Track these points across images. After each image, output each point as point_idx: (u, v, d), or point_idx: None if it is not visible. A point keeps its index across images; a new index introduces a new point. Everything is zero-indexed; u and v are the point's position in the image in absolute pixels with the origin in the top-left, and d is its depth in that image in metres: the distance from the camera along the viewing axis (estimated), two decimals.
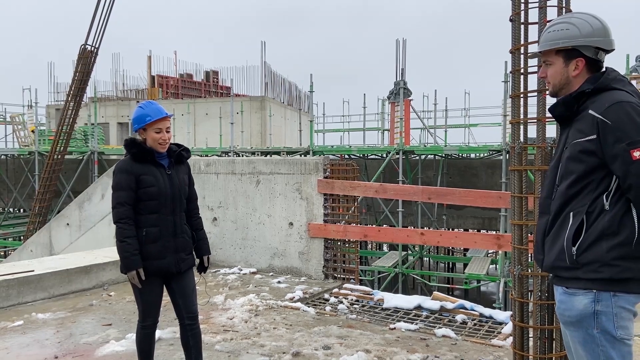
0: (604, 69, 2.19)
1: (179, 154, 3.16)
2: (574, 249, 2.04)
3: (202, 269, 3.33)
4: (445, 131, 18.71)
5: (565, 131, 2.21)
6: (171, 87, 27.57)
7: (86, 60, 15.10)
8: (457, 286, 16.24)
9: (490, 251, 15.94)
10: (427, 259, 18.99)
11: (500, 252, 12.49)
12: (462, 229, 16.18)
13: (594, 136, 2.02)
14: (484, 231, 15.46)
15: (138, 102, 25.56)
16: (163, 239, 3.04)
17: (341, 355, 3.94)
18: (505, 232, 11.73)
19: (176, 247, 3.10)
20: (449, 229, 15.81)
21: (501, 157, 13.71)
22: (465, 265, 17.27)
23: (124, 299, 5.65)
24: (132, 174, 3.00)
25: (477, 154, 15.88)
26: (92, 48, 15.15)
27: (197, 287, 3.31)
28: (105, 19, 14.86)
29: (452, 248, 18.95)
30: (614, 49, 2.17)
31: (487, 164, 16.26)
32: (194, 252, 3.26)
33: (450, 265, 19.50)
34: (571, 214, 2.08)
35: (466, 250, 17.51)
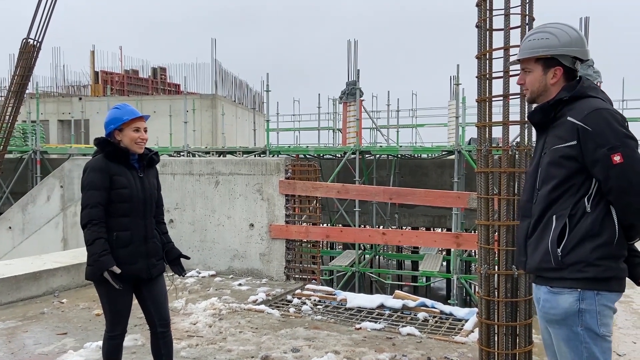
0: (578, 78, 2.28)
1: (151, 158, 3.06)
2: (559, 250, 2.11)
3: (181, 270, 3.22)
4: (397, 131, 19.04)
5: (542, 137, 2.28)
6: (116, 84, 26.64)
7: (28, 54, 14.29)
8: (409, 283, 16.57)
9: (440, 248, 16.38)
10: (378, 257, 19.25)
11: (452, 250, 12.84)
12: (410, 227, 16.49)
13: (575, 142, 2.09)
14: (432, 229, 15.85)
15: (81, 98, 24.62)
16: (134, 244, 2.93)
17: (311, 358, 3.93)
18: (457, 230, 12.07)
19: (147, 252, 2.99)
20: (400, 227, 16.10)
21: (451, 157, 14.08)
22: (414, 263, 17.65)
23: (77, 305, 5.41)
24: (107, 173, 2.87)
25: (429, 154, 16.25)
26: (35, 42, 14.36)
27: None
28: (49, 11, 14.11)
29: (402, 246, 19.31)
30: (589, 59, 2.27)
31: (437, 163, 16.66)
32: (164, 257, 3.16)
33: (400, 262, 19.88)
34: (554, 217, 2.14)
35: (416, 248, 17.89)
